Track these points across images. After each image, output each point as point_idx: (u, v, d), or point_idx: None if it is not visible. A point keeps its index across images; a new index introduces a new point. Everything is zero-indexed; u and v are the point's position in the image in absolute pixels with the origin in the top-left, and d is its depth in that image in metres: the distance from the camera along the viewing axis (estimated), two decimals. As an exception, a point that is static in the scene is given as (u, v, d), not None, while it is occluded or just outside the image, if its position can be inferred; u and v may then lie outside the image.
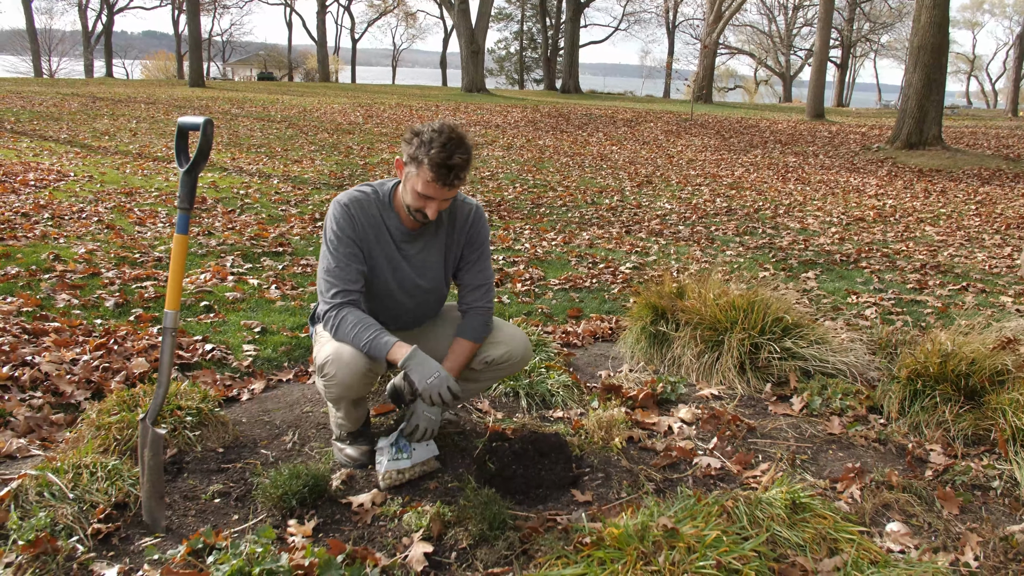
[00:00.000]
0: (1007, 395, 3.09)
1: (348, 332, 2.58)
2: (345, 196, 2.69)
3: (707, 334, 3.87)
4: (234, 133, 14.70)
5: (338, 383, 2.59)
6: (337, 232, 2.65)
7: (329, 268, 2.64)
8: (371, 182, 2.79)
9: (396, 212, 2.73)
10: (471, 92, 32.74)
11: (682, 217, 8.90)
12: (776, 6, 55.94)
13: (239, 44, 66.37)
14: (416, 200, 2.58)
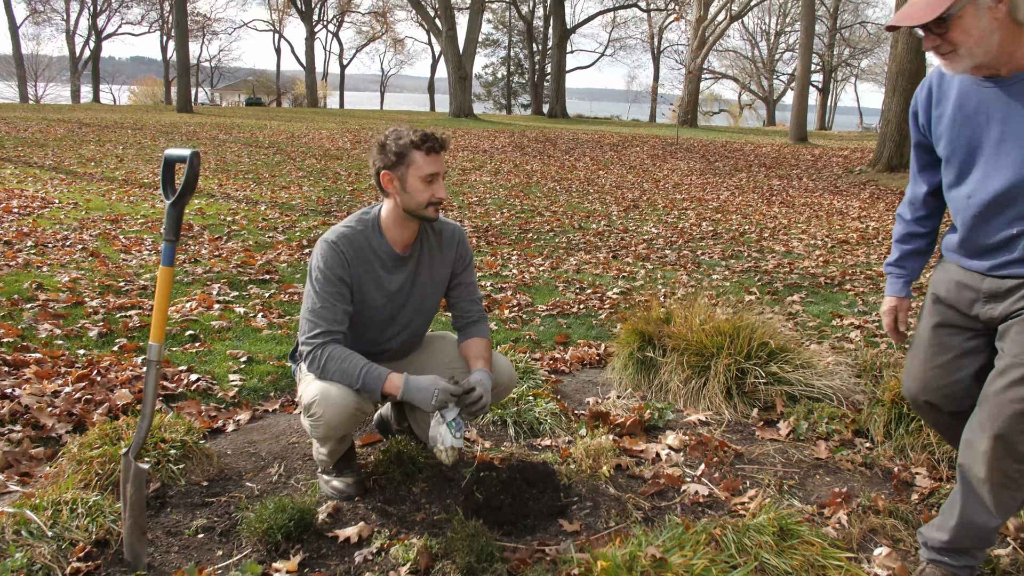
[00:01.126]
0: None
1: (336, 369, 2.56)
2: (332, 234, 2.69)
3: (694, 360, 3.87)
4: (221, 159, 14.70)
5: (325, 423, 2.57)
6: (324, 271, 2.63)
7: (314, 308, 2.62)
8: (356, 214, 2.78)
9: (385, 238, 2.73)
10: (459, 117, 32.92)
11: (668, 241, 8.94)
12: (759, 32, 56.76)
13: (227, 70, 66.67)
14: (426, 187, 2.62)
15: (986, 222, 2.14)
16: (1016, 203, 2.05)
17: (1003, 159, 2.04)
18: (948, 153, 2.20)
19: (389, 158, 2.61)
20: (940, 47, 1.98)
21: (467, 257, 2.95)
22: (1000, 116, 2.04)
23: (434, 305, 2.95)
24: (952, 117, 2.17)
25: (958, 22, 1.93)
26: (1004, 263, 2.13)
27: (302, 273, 6.27)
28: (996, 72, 2.03)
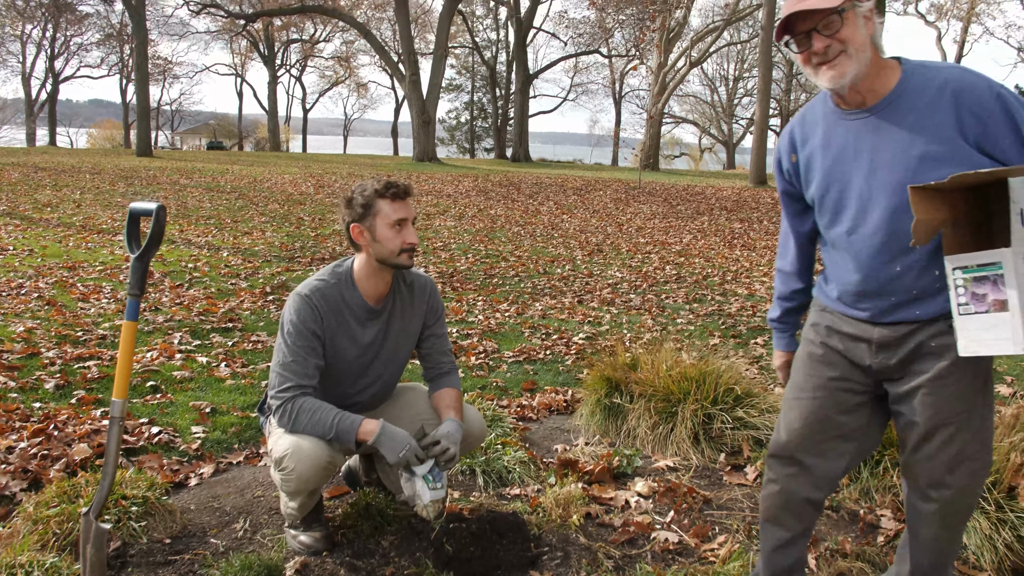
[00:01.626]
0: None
1: (308, 421, 2.55)
2: (305, 288, 2.68)
3: (661, 405, 3.89)
4: (182, 204, 14.58)
5: (296, 477, 2.54)
6: (297, 325, 2.62)
7: (284, 362, 2.61)
8: (329, 268, 2.79)
9: (358, 291, 2.74)
10: (422, 161, 33.08)
11: (633, 285, 9.02)
12: (718, 78, 58.10)
13: (188, 113, 66.36)
14: (396, 234, 2.64)
15: (869, 261, 2.06)
16: (898, 235, 1.99)
17: (877, 189, 2.00)
18: (821, 193, 2.14)
19: (356, 211, 2.65)
20: (831, 48, 1.93)
21: (439, 309, 2.97)
22: (869, 146, 2.01)
23: (406, 357, 2.95)
24: (821, 156, 2.12)
25: (848, 21, 1.92)
26: (892, 307, 2.06)
27: (266, 321, 6.21)
28: (861, 102, 2.02)
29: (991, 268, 1.81)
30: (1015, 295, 1.78)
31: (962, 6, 40.68)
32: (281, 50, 56.75)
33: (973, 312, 1.85)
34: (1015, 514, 2.80)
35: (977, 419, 2.05)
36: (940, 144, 1.91)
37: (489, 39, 56.16)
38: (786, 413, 2.31)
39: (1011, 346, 1.80)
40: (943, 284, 1.99)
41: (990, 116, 1.89)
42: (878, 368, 2.12)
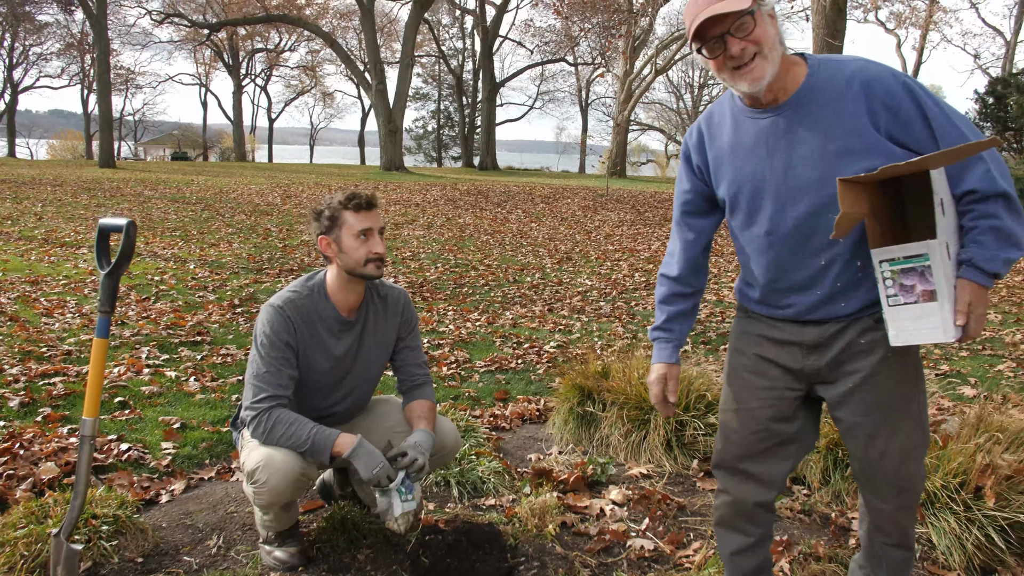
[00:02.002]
0: (919, 461, 3.20)
1: (283, 432, 2.54)
2: (278, 299, 2.68)
3: (633, 413, 3.92)
4: (147, 216, 14.40)
5: (269, 489, 2.52)
6: (270, 336, 2.61)
7: (259, 373, 2.60)
8: (301, 279, 2.79)
9: (331, 302, 2.74)
10: (390, 171, 33.01)
11: (603, 293, 9.07)
12: (683, 85, 58.61)
13: (152, 123, 65.53)
14: (361, 244, 2.65)
15: (791, 259, 2.05)
16: (820, 231, 1.98)
17: (796, 186, 1.97)
18: (733, 192, 2.10)
19: (324, 223, 2.68)
20: (746, 50, 1.88)
21: (412, 321, 2.97)
22: (783, 145, 1.98)
23: (380, 369, 2.95)
24: (731, 153, 2.08)
25: (758, 23, 1.89)
26: (818, 302, 2.05)
27: (235, 334, 6.15)
28: (773, 100, 1.99)
29: (918, 260, 1.83)
30: (943, 284, 1.82)
31: (920, 15, 41.52)
32: (246, 60, 56.37)
33: (902, 303, 1.88)
34: (982, 513, 2.86)
35: (915, 407, 2.09)
36: (855, 137, 1.91)
37: (455, 48, 56.35)
38: (724, 425, 2.30)
39: (941, 334, 1.85)
40: (865, 276, 2.00)
41: (899, 105, 1.90)
42: (810, 371, 2.12)
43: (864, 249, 1.97)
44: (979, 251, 1.88)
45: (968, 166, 1.89)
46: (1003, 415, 3.50)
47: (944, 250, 1.83)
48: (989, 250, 1.88)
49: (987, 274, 1.88)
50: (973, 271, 1.88)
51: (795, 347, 2.12)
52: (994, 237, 1.88)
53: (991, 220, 1.88)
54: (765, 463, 2.23)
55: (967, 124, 1.91)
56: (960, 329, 1.87)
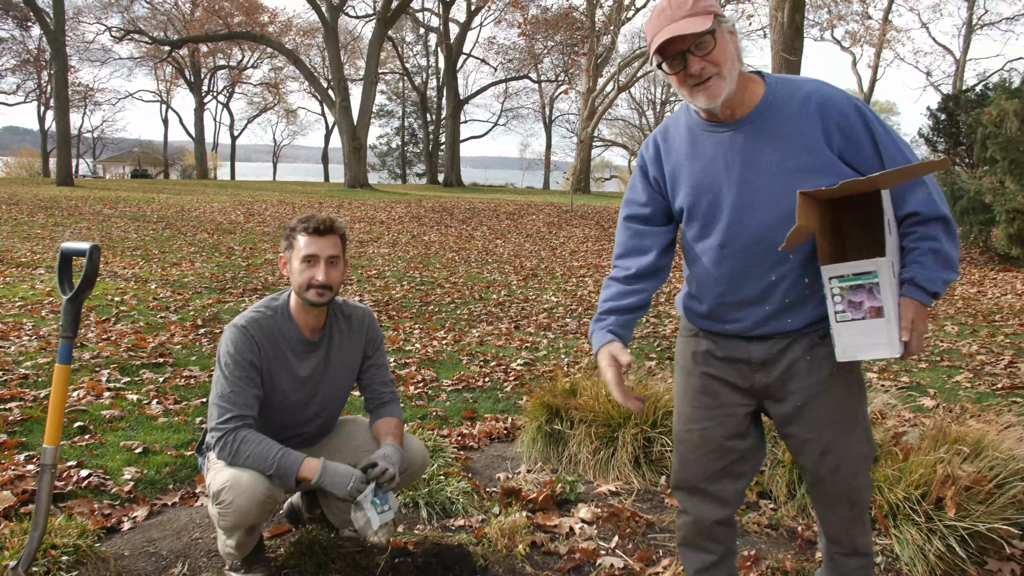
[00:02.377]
0: (881, 471, 3.26)
1: (249, 453, 2.52)
2: (242, 319, 2.66)
3: (601, 430, 3.93)
4: (107, 235, 14.17)
5: (235, 510, 2.49)
6: (235, 356, 2.59)
7: (223, 393, 2.57)
8: (265, 299, 2.78)
9: (295, 322, 2.73)
10: (354, 188, 32.87)
11: (568, 310, 9.10)
12: (645, 101, 59.22)
13: (111, 140, 64.43)
14: (304, 269, 2.65)
15: (744, 272, 2.07)
16: (773, 245, 2.00)
17: (753, 199, 2.01)
18: (691, 202, 2.11)
19: (284, 242, 2.72)
20: (705, 69, 1.93)
21: (378, 340, 2.97)
22: (741, 158, 2.02)
23: (347, 390, 2.94)
24: (688, 165, 2.10)
25: (718, 42, 1.93)
26: (765, 317, 2.08)
27: (198, 355, 6.07)
28: (730, 115, 2.04)
29: (867, 277, 1.89)
30: (890, 301, 1.88)
31: (874, 33, 42.50)
32: (208, 76, 55.84)
33: (850, 319, 1.92)
34: (943, 523, 2.91)
35: (861, 419, 2.15)
36: (812, 155, 1.97)
37: (419, 65, 56.39)
38: (679, 446, 2.30)
39: (887, 349, 1.91)
40: (811, 293, 2.05)
41: (851, 127, 1.98)
42: (759, 388, 2.15)
43: (813, 266, 2.02)
44: (921, 271, 1.96)
45: (910, 189, 1.98)
46: (961, 425, 3.57)
47: (891, 268, 1.89)
48: (930, 270, 1.96)
49: (928, 293, 1.95)
50: (915, 290, 1.95)
51: (743, 364, 2.15)
52: (934, 259, 1.97)
53: (931, 242, 1.97)
54: (721, 481, 2.25)
55: (909, 149, 1.99)
56: (904, 345, 1.92)
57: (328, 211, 21.46)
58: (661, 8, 1.95)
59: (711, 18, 1.91)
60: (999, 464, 3.15)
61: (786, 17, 14.14)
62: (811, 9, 30.14)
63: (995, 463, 3.15)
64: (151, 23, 46.43)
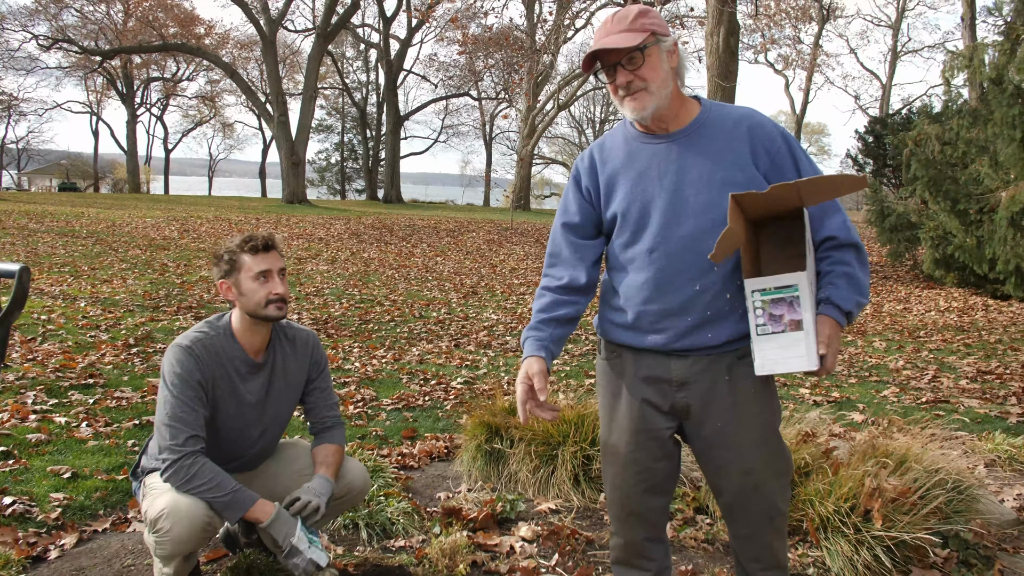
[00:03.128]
0: (812, 486, 3.36)
1: (203, 483, 2.49)
2: (186, 339, 2.62)
3: (541, 449, 3.96)
4: (32, 251, 13.71)
5: (172, 539, 2.44)
6: (182, 375, 2.55)
7: (174, 414, 2.52)
8: (205, 321, 2.74)
9: (239, 343, 2.71)
10: (292, 203, 32.48)
11: (508, 327, 9.14)
12: (584, 120, 59.97)
13: (37, 152, 62.28)
14: (260, 286, 2.63)
15: (670, 280, 2.10)
16: (700, 254, 2.06)
17: (683, 207, 2.08)
18: (623, 209, 2.16)
19: (223, 268, 2.68)
20: (632, 83, 2.05)
21: (322, 362, 2.96)
22: (674, 168, 2.10)
23: (290, 412, 2.92)
24: (623, 175, 2.18)
25: (649, 58, 2.04)
26: (686, 330, 2.10)
27: (130, 375, 5.91)
28: (665, 128, 2.14)
29: (788, 290, 1.94)
30: (809, 315, 1.94)
31: (805, 58, 43.85)
32: (141, 88, 54.61)
33: (770, 332, 1.97)
34: (871, 534, 3.02)
35: (776, 436, 2.22)
36: (740, 170, 2.07)
37: (359, 80, 56.17)
38: (606, 468, 2.34)
39: (805, 362, 1.95)
40: (732, 308, 2.10)
41: (777, 152, 2.10)
42: (680, 408, 2.17)
43: (735, 280, 2.09)
44: (835, 292, 2.05)
45: (828, 215, 2.10)
46: (888, 439, 3.71)
47: (810, 284, 1.96)
48: (844, 291, 2.05)
49: (843, 312, 2.03)
50: (831, 308, 2.03)
51: (664, 384, 2.17)
52: (847, 282, 2.06)
53: (845, 267, 2.08)
54: (648, 501, 2.28)
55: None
56: (820, 359, 1.97)
57: (266, 227, 21.15)
58: (605, 20, 2.09)
59: (644, 35, 2.03)
60: (922, 476, 3.28)
61: (721, 41, 14.52)
62: (745, 33, 30.96)
63: (918, 475, 3.29)
64: (81, 32, 45.23)
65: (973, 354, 8.32)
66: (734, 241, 1.89)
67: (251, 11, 33.33)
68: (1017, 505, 3.85)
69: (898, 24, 45.45)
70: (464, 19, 25.87)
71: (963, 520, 3.28)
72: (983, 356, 8.18)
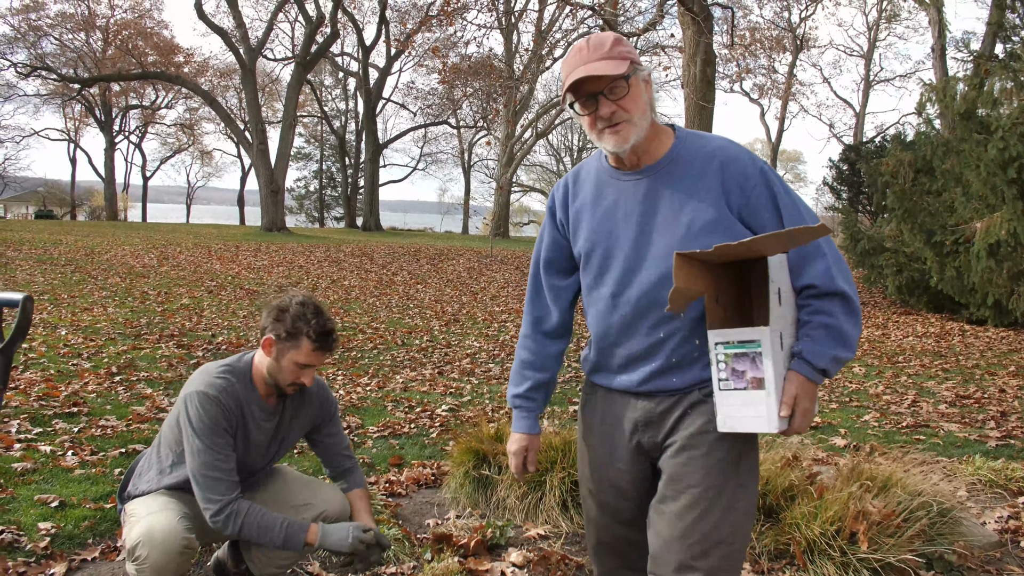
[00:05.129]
0: (798, 509, 3.42)
1: (255, 525, 2.57)
2: (212, 388, 2.65)
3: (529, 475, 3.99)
4: (10, 278, 13.60)
5: (151, 566, 2.46)
6: (211, 426, 2.60)
7: (211, 463, 2.58)
8: (225, 364, 2.77)
9: (256, 390, 2.77)
10: (271, 231, 32.39)
11: (491, 355, 9.18)
12: (563, 148, 60.39)
13: (14, 179, 61.63)
14: (295, 373, 2.67)
15: (632, 325, 2.03)
16: (663, 302, 1.94)
17: (647, 253, 1.99)
18: (588, 248, 2.10)
19: (280, 331, 2.66)
20: (616, 114, 1.93)
21: (332, 409, 3.04)
22: (639, 210, 2.01)
23: (289, 450, 3.04)
24: (591, 210, 2.10)
25: (633, 88, 1.94)
26: (651, 374, 2.02)
27: (114, 404, 5.88)
28: (636, 163, 2.03)
29: (750, 345, 1.82)
30: (771, 374, 1.81)
31: (780, 86, 44.61)
32: (119, 116, 54.36)
33: (732, 388, 1.85)
34: (857, 557, 3.08)
35: (727, 498, 1.95)
36: (707, 211, 1.94)
37: (338, 108, 56.30)
38: (585, 503, 2.28)
39: (766, 424, 1.83)
40: (700, 354, 1.99)
41: (753, 188, 1.95)
42: (648, 447, 2.08)
43: (703, 327, 1.96)
44: (810, 345, 1.89)
45: (808, 261, 1.93)
46: (871, 463, 3.78)
47: (777, 339, 1.83)
48: (819, 346, 1.89)
49: (816, 369, 1.88)
50: (802, 364, 1.88)
51: (631, 423, 2.09)
52: (825, 334, 1.90)
53: (824, 317, 1.91)
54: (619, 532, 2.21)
55: (812, 215, 1.98)
56: (785, 421, 1.85)
57: (246, 256, 21.11)
58: (579, 48, 1.96)
59: (627, 64, 1.92)
60: (906, 499, 3.35)
61: (698, 70, 14.79)
62: (721, 63, 31.53)
63: (902, 498, 3.36)
64: (60, 60, 45.06)
65: (951, 379, 8.45)
66: (688, 295, 1.80)
67: (231, 40, 33.41)
68: (999, 527, 3.93)
69: (870, 54, 46.39)
70: (444, 48, 26.12)
71: (947, 542, 3.35)
72: (961, 381, 8.31)
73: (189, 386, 2.70)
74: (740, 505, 1.96)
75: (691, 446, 1.97)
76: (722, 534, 1.93)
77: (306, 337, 2.63)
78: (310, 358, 2.66)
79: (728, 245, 1.76)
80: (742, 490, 1.97)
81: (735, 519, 1.95)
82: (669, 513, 1.97)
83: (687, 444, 1.98)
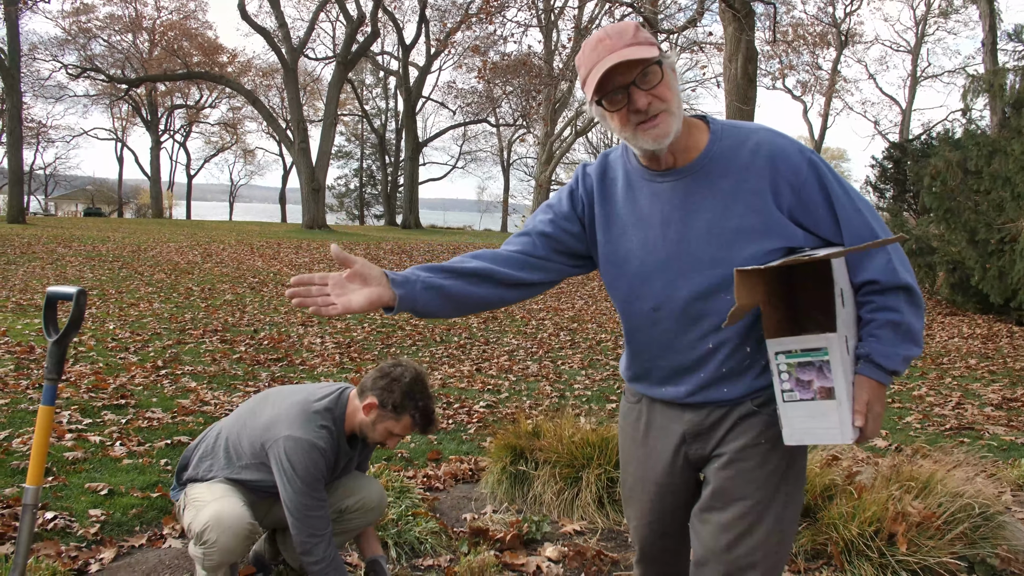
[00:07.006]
0: (836, 509, 3.40)
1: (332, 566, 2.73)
2: (321, 441, 2.75)
3: (565, 471, 4.03)
4: (61, 274, 13.98)
5: (220, 548, 2.55)
6: (315, 475, 2.72)
7: (311, 505, 2.70)
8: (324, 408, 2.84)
9: (344, 431, 2.90)
10: (312, 229, 32.78)
11: (529, 352, 9.21)
12: (602, 146, 59.95)
13: (64, 178, 63.26)
14: (388, 437, 2.84)
15: (677, 339, 1.89)
16: (711, 311, 1.82)
17: (690, 262, 1.82)
18: (619, 259, 1.93)
19: (387, 400, 2.77)
20: (653, 104, 1.73)
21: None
22: (680, 215, 1.83)
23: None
24: (622, 219, 1.92)
25: (665, 73, 1.75)
26: (700, 385, 1.89)
27: (159, 397, 6.03)
28: (672, 163, 1.84)
29: (816, 354, 1.69)
30: (842, 382, 1.70)
31: (824, 83, 43.95)
32: (165, 115, 55.43)
33: (798, 399, 1.73)
34: (896, 559, 3.05)
35: (775, 511, 1.88)
36: (756, 215, 1.78)
37: (379, 107, 56.71)
38: (627, 511, 2.19)
39: (838, 435, 1.72)
40: (752, 362, 1.87)
41: (804, 185, 1.78)
42: (695, 459, 1.97)
43: (755, 334, 1.84)
44: (878, 346, 1.77)
45: (869, 255, 1.79)
46: (913, 466, 3.74)
47: (843, 344, 1.71)
48: (888, 346, 1.77)
49: (886, 371, 1.77)
50: (871, 367, 1.76)
51: (678, 435, 1.97)
52: (893, 332, 1.77)
53: (891, 314, 1.77)
54: (662, 543, 2.13)
55: (870, 210, 1.81)
56: (858, 430, 1.74)
57: (287, 252, 21.39)
58: (599, 39, 1.75)
59: (655, 49, 1.72)
60: (947, 501, 3.31)
61: (739, 68, 14.66)
62: (763, 59, 31.18)
63: (943, 500, 3.31)
64: (108, 61, 46.15)
65: (998, 381, 8.29)
66: (748, 309, 1.70)
67: (273, 40, 33.86)
68: (1042, 531, 3.85)
69: (917, 49, 45.47)
70: (483, 46, 26.20)
71: (989, 546, 3.29)
72: (1008, 383, 8.15)
73: (290, 424, 2.73)
74: (787, 514, 1.90)
75: (741, 459, 1.87)
76: (768, 547, 1.86)
77: (410, 416, 2.78)
78: (405, 432, 2.83)
79: (796, 258, 1.66)
80: (789, 500, 1.90)
81: (782, 529, 1.88)
82: (715, 523, 1.89)
83: (736, 457, 1.88)
